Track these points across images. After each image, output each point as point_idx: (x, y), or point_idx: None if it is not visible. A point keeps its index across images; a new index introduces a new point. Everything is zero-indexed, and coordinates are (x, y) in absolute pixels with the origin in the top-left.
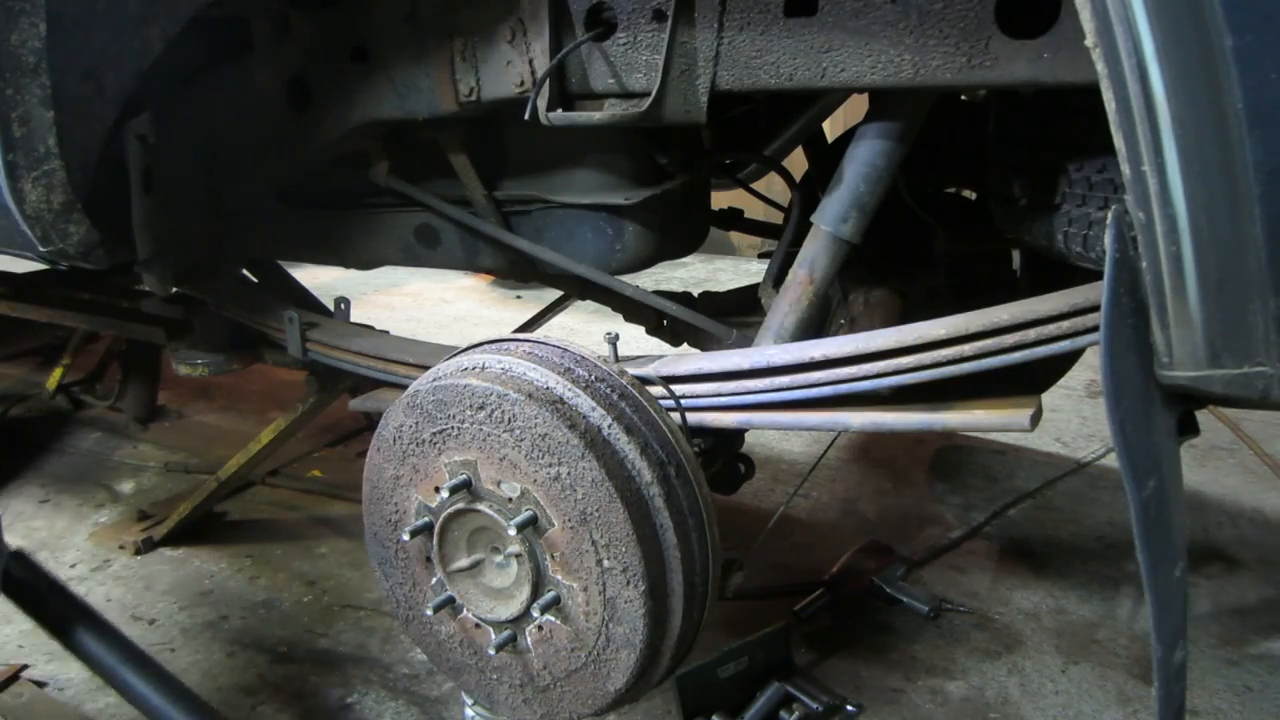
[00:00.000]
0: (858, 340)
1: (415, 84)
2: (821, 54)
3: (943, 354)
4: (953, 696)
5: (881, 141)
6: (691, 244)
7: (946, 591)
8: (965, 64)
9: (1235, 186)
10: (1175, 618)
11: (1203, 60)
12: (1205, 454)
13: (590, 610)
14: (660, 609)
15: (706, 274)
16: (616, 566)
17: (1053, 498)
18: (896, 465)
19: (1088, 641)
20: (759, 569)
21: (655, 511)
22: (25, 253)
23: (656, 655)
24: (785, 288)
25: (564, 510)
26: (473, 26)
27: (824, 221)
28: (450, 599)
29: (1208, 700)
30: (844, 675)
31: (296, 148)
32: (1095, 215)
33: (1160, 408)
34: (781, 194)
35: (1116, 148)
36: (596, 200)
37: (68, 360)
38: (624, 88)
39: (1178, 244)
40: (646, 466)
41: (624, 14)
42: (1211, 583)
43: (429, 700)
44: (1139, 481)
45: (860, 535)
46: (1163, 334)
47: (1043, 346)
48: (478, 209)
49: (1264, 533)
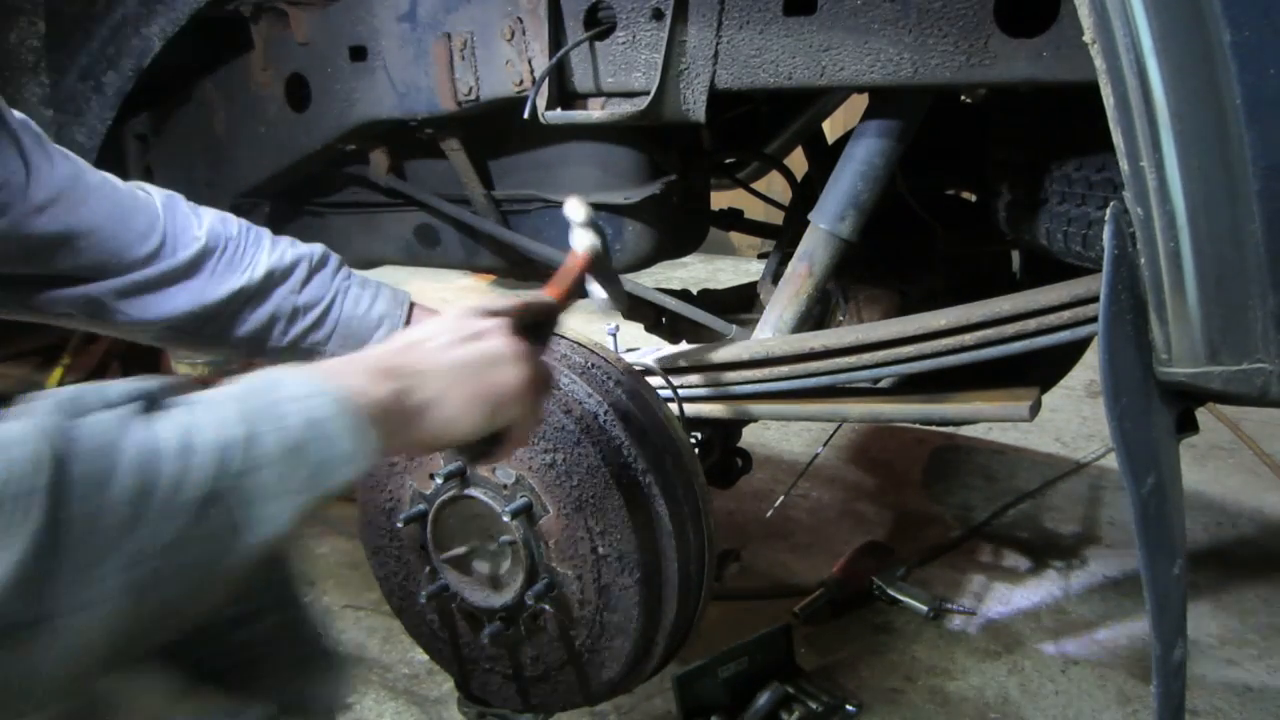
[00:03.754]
0: (858, 331)
1: (414, 83)
2: (820, 53)
3: (943, 343)
4: (953, 696)
5: (880, 140)
6: (691, 244)
7: (946, 591)
8: (964, 62)
9: (1234, 183)
10: (1174, 616)
11: (1201, 56)
12: (1205, 454)
13: (585, 598)
14: (655, 597)
15: (706, 274)
16: (611, 554)
17: (1053, 498)
18: (896, 465)
19: (1088, 641)
20: (759, 569)
21: (651, 499)
22: None
23: (650, 644)
24: (784, 281)
25: (559, 497)
26: (472, 25)
27: (822, 220)
28: (444, 586)
29: (1208, 700)
30: (844, 675)
31: (296, 147)
32: (1095, 214)
33: (1159, 405)
34: (782, 194)
35: (1115, 144)
36: (596, 199)
37: (67, 360)
38: (623, 87)
39: (1176, 240)
40: (642, 454)
41: (623, 13)
42: (1211, 583)
43: (429, 700)
44: (1138, 479)
45: (860, 535)
46: (1161, 331)
47: (1044, 336)
48: (477, 208)
49: (1264, 533)
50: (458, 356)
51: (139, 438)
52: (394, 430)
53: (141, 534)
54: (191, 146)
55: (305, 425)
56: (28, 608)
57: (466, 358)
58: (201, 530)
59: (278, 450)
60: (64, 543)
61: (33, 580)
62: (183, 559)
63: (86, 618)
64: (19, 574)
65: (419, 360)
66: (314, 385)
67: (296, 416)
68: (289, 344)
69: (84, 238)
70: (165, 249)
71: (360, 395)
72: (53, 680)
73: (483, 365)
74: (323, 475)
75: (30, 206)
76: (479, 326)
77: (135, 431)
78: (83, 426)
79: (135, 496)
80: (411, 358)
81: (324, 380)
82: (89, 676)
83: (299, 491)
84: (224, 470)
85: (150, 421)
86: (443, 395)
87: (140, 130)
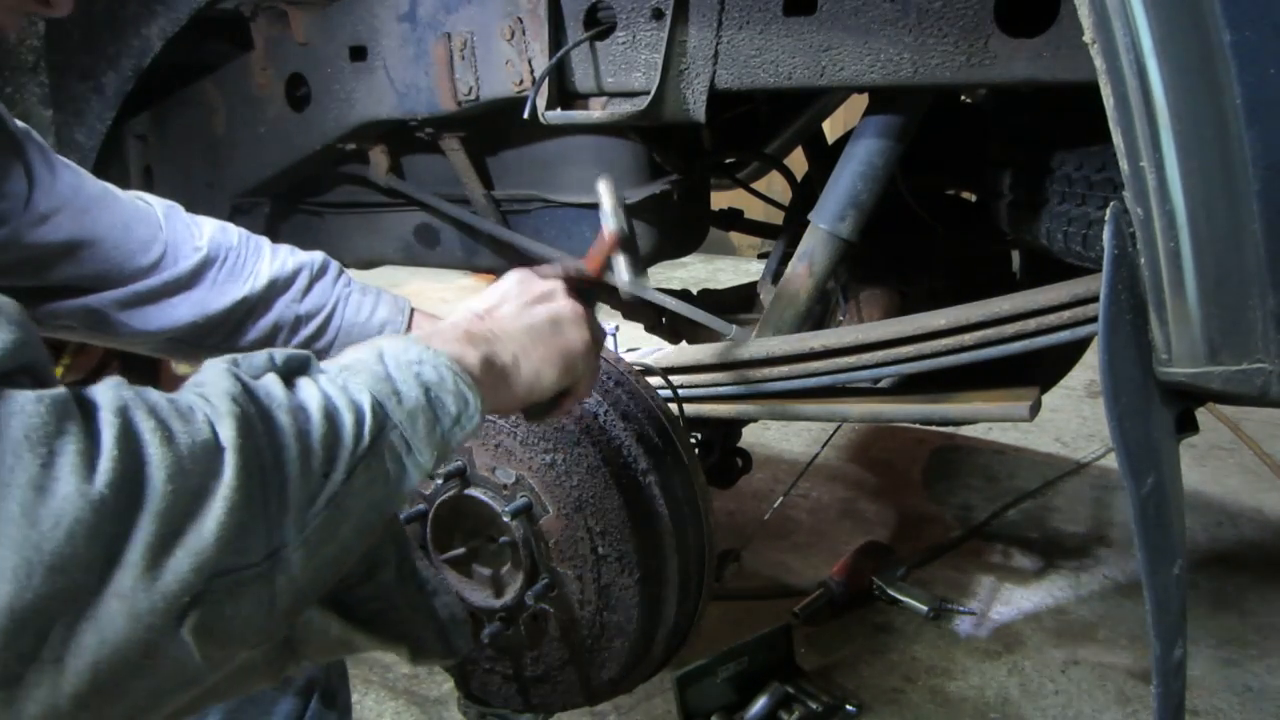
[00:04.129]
0: (857, 331)
1: (414, 83)
2: (820, 53)
3: (943, 343)
4: (953, 696)
5: (880, 140)
6: (691, 244)
7: (946, 591)
8: (964, 62)
9: (1234, 182)
10: (1174, 616)
11: (1201, 56)
12: (1205, 454)
13: (584, 598)
14: (654, 597)
15: (706, 274)
16: (611, 554)
17: (1053, 498)
18: (896, 465)
19: (1088, 641)
20: (759, 569)
21: (651, 499)
22: None
23: (650, 644)
24: (784, 280)
25: (559, 497)
26: (472, 25)
27: (821, 220)
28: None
29: (1208, 700)
30: (844, 675)
31: (296, 147)
32: (1095, 214)
33: (1159, 405)
34: (782, 194)
35: (1115, 144)
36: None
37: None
38: (623, 87)
39: (1176, 240)
40: (642, 454)
41: (623, 13)
42: (1211, 583)
43: (429, 700)
44: (1138, 479)
45: (860, 535)
46: (1161, 331)
47: (1043, 336)
48: (477, 208)
49: (1264, 533)
50: (530, 319)
51: (313, 393)
52: (490, 391)
53: (335, 478)
54: (191, 146)
55: (430, 385)
56: (259, 545)
57: (538, 320)
58: (373, 475)
59: (415, 407)
60: (276, 486)
61: (258, 520)
62: (361, 502)
63: (303, 555)
64: (243, 516)
65: (497, 326)
66: (424, 352)
67: (419, 380)
68: None
69: (86, 248)
70: (166, 259)
71: (460, 360)
72: (279, 613)
73: (553, 326)
74: (451, 432)
75: (33, 216)
76: (543, 288)
77: (308, 388)
78: (266, 384)
79: (327, 444)
80: (489, 324)
81: (428, 348)
82: (298, 611)
83: (433, 446)
84: (383, 422)
85: (311, 382)
86: (523, 356)
87: (140, 130)
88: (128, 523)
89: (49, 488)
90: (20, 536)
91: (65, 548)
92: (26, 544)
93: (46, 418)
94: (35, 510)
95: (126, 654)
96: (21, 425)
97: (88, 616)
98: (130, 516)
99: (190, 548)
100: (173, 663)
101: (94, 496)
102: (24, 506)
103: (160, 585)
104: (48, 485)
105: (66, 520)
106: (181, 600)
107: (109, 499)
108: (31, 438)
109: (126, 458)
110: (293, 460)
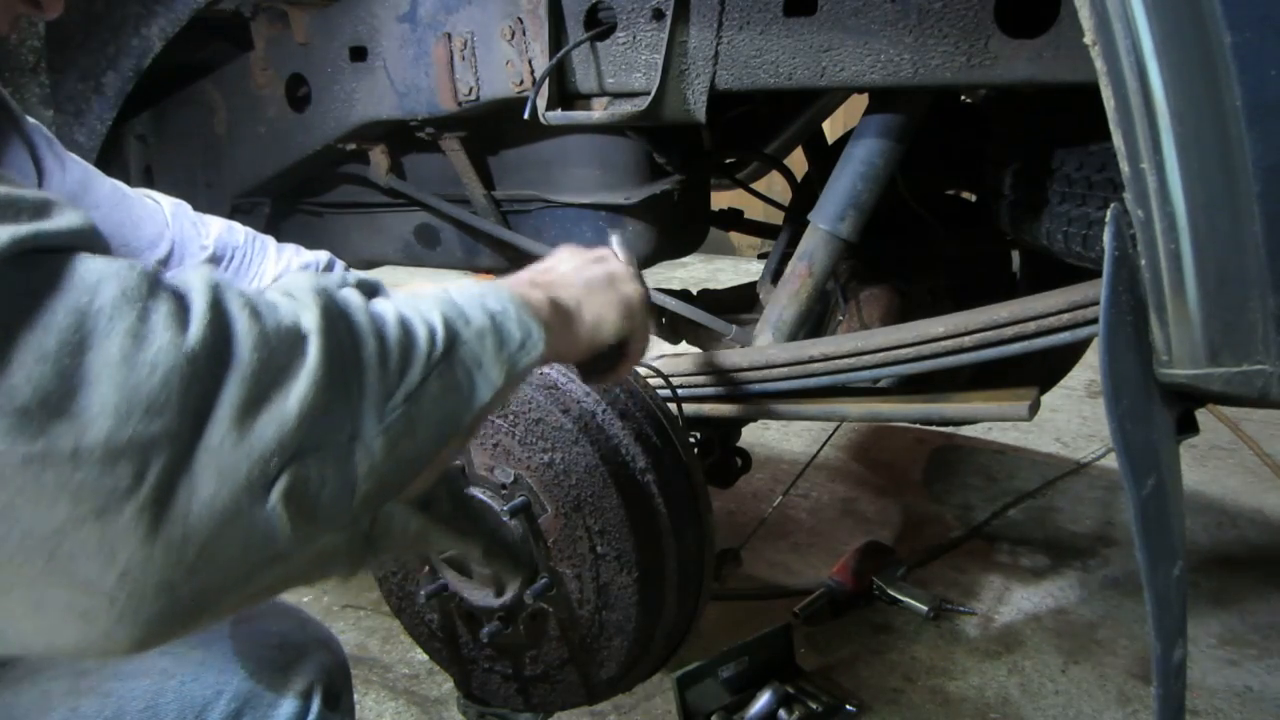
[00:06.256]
0: (857, 339)
1: (415, 83)
2: (821, 53)
3: (942, 345)
4: (953, 696)
5: (880, 140)
6: (691, 244)
7: (946, 591)
8: (965, 63)
9: (1234, 184)
10: (1174, 616)
11: (1202, 57)
12: (1205, 454)
13: (583, 597)
14: (654, 597)
15: (706, 274)
16: (610, 553)
17: (1053, 498)
18: (896, 465)
19: (1088, 641)
20: (759, 569)
21: (649, 498)
22: None
23: (649, 644)
24: (784, 280)
25: (557, 496)
26: (472, 25)
27: (821, 220)
28: (443, 586)
29: (1208, 700)
30: (844, 675)
31: (297, 147)
32: (1095, 215)
33: (1159, 406)
34: (782, 194)
35: (1115, 146)
36: (596, 200)
37: None
38: (623, 87)
39: (1177, 242)
40: (641, 453)
41: (623, 13)
42: (1211, 583)
43: (429, 700)
44: (1138, 480)
45: (860, 535)
46: (1162, 332)
47: (1043, 338)
48: (477, 208)
49: (1264, 533)
50: (588, 275)
51: (388, 306)
52: (556, 328)
53: (410, 377)
54: (191, 146)
55: (494, 314)
56: (341, 427)
57: (595, 274)
58: (446, 383)
59: (483, 328)
60: (355, 375)
61: (339, 403)
62: (437, 409)
63: (383, 444)
64: (326, 397)
65: (557, 278)
66: (488, 287)
67: (484, 309)
68: None
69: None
70: (173, 257)
71: (525, 297)
72: (361, 498)
73: (609, 280)
74: (517, 355)
75: None
76: (597, 252)
77: (384, 303)
78: (346, 293)
79: (402, 347)
80: (550, 277)
81: (492, 285)
82: (378, 500)
83: (503, 365)
84: (454, 336)
85: (386, 299)
86: (585, 302)
87: (140, 130)
88: (217, 381)
89: (146, 337)
90: (120, 378)
91: (160, 394)
92: (126, 385)
93: (140, 280)
94: (134, 356)
95: (217, 512)
96: (119, 284)
97: (181, 468)
98: (219, 375)
99: (275, 416)
100: (261, 534)
101: (187, 349)
102: (124, 352)
103: (246, 446)
104: (145, 335)
105: (162, 368)
106: (268, 466)
107: (200, 355)
108: (129, 294)
109: (215, 323)
110: (371, 355)
